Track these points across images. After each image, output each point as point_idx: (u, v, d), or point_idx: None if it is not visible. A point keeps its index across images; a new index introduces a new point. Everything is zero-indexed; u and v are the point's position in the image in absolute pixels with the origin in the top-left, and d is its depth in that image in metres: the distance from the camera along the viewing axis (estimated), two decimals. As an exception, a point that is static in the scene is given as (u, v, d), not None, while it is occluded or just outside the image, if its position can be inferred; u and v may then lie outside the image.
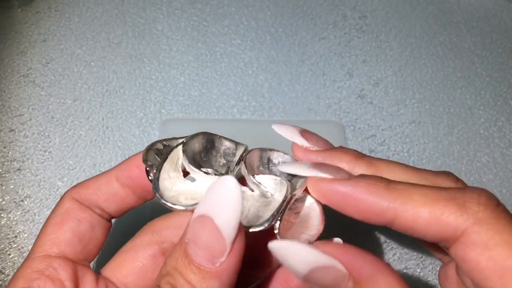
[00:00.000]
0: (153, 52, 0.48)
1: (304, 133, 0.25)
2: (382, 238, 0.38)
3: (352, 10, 0.53)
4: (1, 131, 0.43)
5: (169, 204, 0.22)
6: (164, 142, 0.25)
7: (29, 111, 0.44)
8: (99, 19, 0.51)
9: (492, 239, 0.19)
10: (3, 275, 0.36)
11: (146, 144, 0.42)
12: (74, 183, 0.40)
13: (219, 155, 0.25)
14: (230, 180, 0.18)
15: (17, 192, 0.39)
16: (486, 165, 0.43)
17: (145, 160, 0.24)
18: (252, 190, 0.24)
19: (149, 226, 0.24)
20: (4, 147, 0.42)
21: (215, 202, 0.19)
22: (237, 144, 0.26)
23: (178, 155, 0.24)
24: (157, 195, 0.22)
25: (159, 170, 0.23)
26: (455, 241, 0.20)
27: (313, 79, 0.48)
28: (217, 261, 0.19)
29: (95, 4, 0.52)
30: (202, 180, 0.23)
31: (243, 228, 0.20)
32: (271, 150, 0.25)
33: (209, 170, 0.24)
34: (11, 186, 0.40)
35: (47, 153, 0.42)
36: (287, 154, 0.25)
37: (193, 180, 0.23)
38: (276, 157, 0.25)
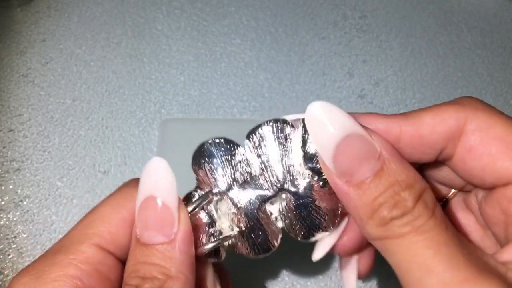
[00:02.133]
0: (153, 52, 0.48)
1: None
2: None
3: (352, 10, 0.53)
4: (0, 131, 0.43)
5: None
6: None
7: (29, 111, 0.44)
8: (99, 19, 0.50)
9: (492, 121, 0.19)
10: (2, 276, 0.36)
11: (146, 144, 0.42)
12: (74, 183, 0.40)
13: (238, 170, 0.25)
14: (154, 159, 0.21)
15: (17, 192, 0.39)
16: (486, 165, 0.43)
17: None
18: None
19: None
20: (3, 147, 0.42)
21: (149, 183, 0.20)
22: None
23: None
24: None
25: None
26: (460, 138, 0.20)
27: (313, 79, 0.47)
28: (171, 232, 0.20)
29: (94, 3, 0.52)
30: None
31: (182, 202, 0.21)
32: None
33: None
34: (10, 186, 0.40)
35: (46, 153, 0.42)
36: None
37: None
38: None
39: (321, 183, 0.23)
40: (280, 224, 0.23)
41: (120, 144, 0.42)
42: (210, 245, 0.23)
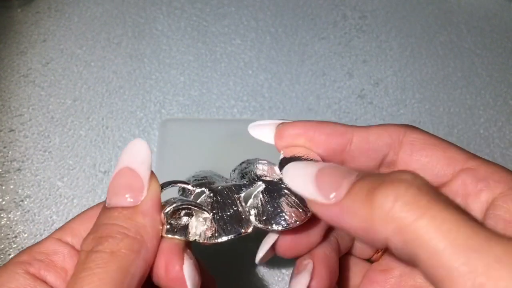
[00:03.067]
0: (153, 52, 0.48)
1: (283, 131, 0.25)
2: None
3: (352, 10, 0.53)
4: (1, 131, 0.43)
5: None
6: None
7: (29, 111, 0.44)
8: (99, 19, 0.51)
9: (426, 135, 0.23)
10: (3, 275, 0.36)
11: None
12: (74, 183, 0.40)
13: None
14: (134, 140, 0.22)
15: (17, 192, 0.39)
16: (486, 165, 0.43)
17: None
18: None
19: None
20: (4, 147, 0.42)
21: (125, 157, 0.22)
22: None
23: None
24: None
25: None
26: (400, 147, 0.23)
27: (313, 79, 0.48)
28: (138, 198, 0.21)
29: (95, 4, 0.52)
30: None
31: (155, 174, 0.22)
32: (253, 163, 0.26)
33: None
34: (11, 186, 0.40)
35: (47, 153, 0.42)
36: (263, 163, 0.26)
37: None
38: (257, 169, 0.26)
39: None
40: (252, 213, 0.23)
41: (121, 144, 0.43)
42: (170, 207, 0.22)
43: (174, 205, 0.22)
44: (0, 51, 0.48)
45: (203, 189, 0.24)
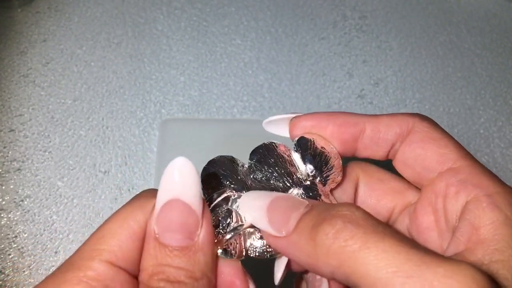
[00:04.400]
0: (153, 52, 0.48)
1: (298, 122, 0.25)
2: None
3: (352, 10, 0.53)
4: (1, 131, 0.43)
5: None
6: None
7: (29, 111, 0.44)
8: (99, 19, 0.51)
9: (433, 128, 0.23)
10: (3, 275, 0.36)
11: (146, 144, 0.42)
12: (74, 183, 0.40)
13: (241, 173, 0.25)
14: (179, 159, 0.20)
15: (17, 192, 0.39)
16: (486, 165, 0.42)
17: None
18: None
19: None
20: (4, 147, 0.42)
21: (175, 185, 0.20)
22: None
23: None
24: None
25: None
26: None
27: (313, 79, 0.48)
28: (194, 235, 0.20)
29: (95, 4, 0.52)
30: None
31: (206, 202, 0.21)
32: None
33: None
34: (11, 186, 0.40)
35: (47, 153, 0.42)
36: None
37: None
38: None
39: (323, 180, 0.24)
40: None
41: (121, 144, 0.43)
42: (228, 236, 0.22)
43: (232, 234, 0.22)
44: (0, 51, 0.48)
45: (241, 194, 0.24)
